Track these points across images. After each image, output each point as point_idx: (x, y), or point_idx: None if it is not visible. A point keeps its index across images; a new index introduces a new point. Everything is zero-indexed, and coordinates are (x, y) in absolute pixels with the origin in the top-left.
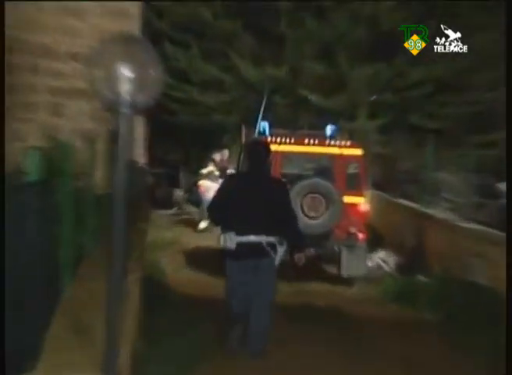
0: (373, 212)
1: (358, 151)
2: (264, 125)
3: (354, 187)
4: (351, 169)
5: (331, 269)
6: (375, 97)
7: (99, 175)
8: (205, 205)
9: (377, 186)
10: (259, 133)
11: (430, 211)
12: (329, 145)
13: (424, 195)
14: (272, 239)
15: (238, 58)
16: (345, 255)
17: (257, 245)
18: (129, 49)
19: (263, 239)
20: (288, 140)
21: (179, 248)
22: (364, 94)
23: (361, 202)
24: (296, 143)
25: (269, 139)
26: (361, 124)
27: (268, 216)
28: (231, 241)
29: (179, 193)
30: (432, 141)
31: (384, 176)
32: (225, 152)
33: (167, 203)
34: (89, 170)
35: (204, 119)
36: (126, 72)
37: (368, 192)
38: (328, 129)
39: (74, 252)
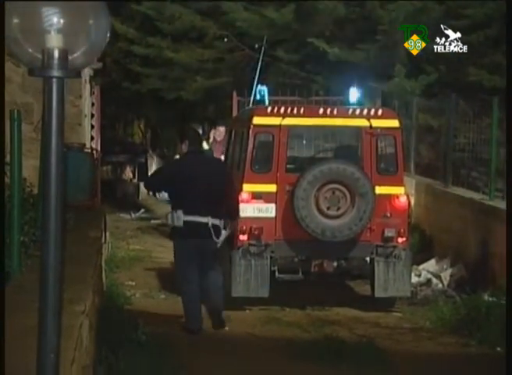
0: (418, 207)
1: (394, 123)
2: (262, 90)
3: (390, 173)
4: (385, 148)
5: (361, 289)
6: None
7: (30, 166)
8: None
9: (422, 170)
10: (256, 101)
11: (498, 204)
12: (353, 116)
13: (490, 182)
14: (216, 222)
15: None
16: (380, 269)
17: (202, 226)
18: None
19: (209, 220)
20: (296, 110)
21: (151, 266)
22: (402, 41)
23: (400, 193)
24: (307, 114)
25: (270, 109)
26: (399, 84)
27: (215, 199)
28: (179, 219)
29: None
30: (498, 106)
31: (432, 157)
32: (221, 130)
33: (132, 203)
34: (15, 159)
35: (181, 85)
36: (54, 19)
37: (410, 179)
38: (352, 93)
39: None
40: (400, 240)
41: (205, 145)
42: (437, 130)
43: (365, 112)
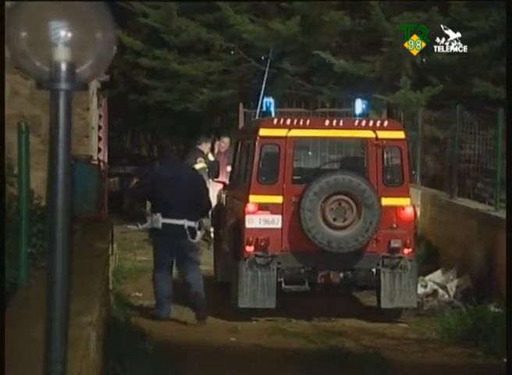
0: (424, 218)
1: (400, 134)
2: (268, 102)
3: (396, 184)
4: (391, 159)
5: (367, 300)
6: (423, 58)
7: (38, 178)
8: None
9: (428, 181)
10: (262, 113)
11: (503, 215)
12: (359, 127)
13: (496, 193)
14: (192, 224)
15: (231, 11)
16: (386, 280)
17: (179, 227)
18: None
19: (184, 222)
20: (302, 122)
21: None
22: (407, 53)
23: (406, 205)
24: (313, 126)
25: (276, 121)
26: (405, 96)
27: (190, 203)
28: (157, 221)
29: None
30: (504, 116)
31: (438, 168)
32: (225, 141)
33: (139, 215)
34: (22, 171)
35: (187, 97)
36: (62, 33)
37: (416, 190)
38: (358, 105)
39: None
40: (406, 251)
41: (211, 157)
42: (443, 142)
43: (371, 123)
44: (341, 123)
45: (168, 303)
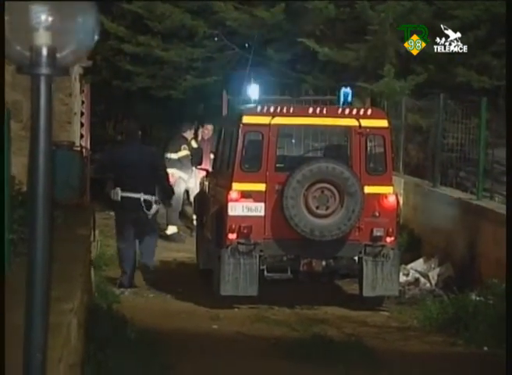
0: (406, 207)
1: (383, 123)
2: (253, 89)
3: (379, 173)
4: (374, 148)
5: (349, 288)
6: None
7: (19, 163)
8: (175, 202)
9: (411, 170)
10: (246, 101)
11: (485, 204)
12: (343, 115)
13: (478, 182)
14: (148, 197)
15: None
16: (369, 268)
17: (135, 200)
18: None
19: (141, 196)
20: (285, 109)
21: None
22: (392, 41)
23: (389, 193)
24: (296, 113)
25: (259, 109)
26: (388, 85)
27: (146, 179)
28: (117, 195)
29: None
30: (487, 106)
31: (421, 157)
32: (209, 128)
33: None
34: (4, 157)
35: (170, 84)
36: (42, 17)
37: (399, 179)
38: (342, 93)
39: None
40: (388, 239)
41: (194, 144)
42: (426, 130)
43: (354, 111)
44: (324, 111)
45: (131, 272)
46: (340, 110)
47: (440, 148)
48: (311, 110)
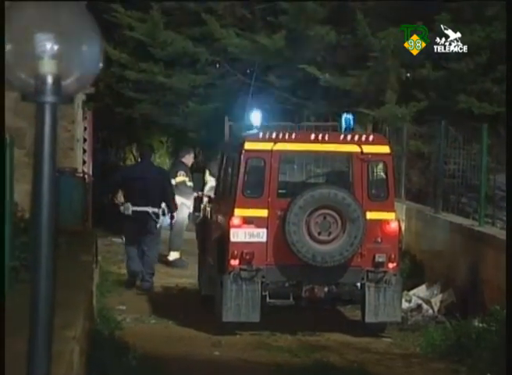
0: (408, 233)
1: (385, 149)
2: (254, 115)
3: (381, 199)
4: (376, 174)
5: (351, 314)
6: (408, 73)
7: (22, 190)
8: (175, 229)
9: (413, 196)
10: (248, 127)
11: (487, 230)
12: (345, 141)
13: (480, 208)
14: (155, 210)
15: (217, 25)
16: (371, 294)
17: (145, 213)
18: (53, 12)
19: (149, 209)
20: (287, 135)
21: (142, 290)
22: (393, 67)
23: (391, 219)
24: (298, 139)
25: (261, 135)
26: (390, 111)
27: (155, 194)
28: (128, 209)
29: None
30: (488, 132)
31: (423, 183)
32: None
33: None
34: (6, 184)
35: (173, 111)
36: (48, 45)
37: (401, 205)
38: (344, 119)
39: None
40: (390, 265)
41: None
42: (427, 157)
43: (356, 137)
44: (326, 137)
45: (137, 275)
46: (342, 136)
47: (442, 174)
48: (312, 136)
